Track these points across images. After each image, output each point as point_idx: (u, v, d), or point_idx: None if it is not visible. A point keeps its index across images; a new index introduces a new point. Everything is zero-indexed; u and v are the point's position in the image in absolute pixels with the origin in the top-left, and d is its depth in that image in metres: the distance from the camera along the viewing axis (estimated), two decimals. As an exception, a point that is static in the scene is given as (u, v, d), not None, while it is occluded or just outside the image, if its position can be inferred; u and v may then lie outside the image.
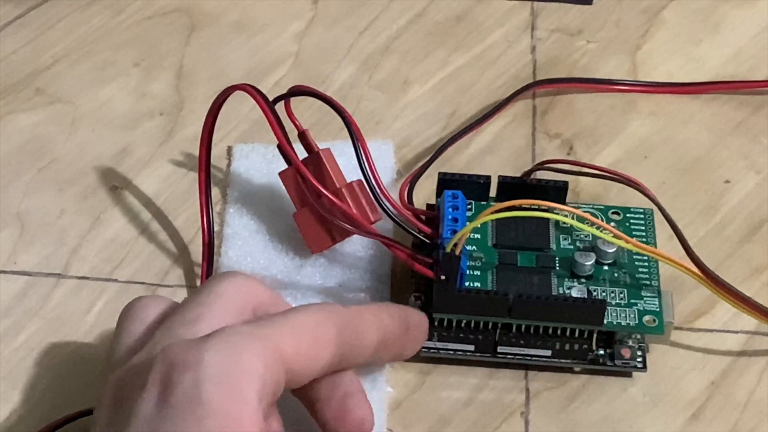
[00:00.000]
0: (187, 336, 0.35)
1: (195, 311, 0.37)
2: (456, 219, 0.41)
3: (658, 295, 0.42)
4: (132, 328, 0.38)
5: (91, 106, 0.51)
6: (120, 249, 0.46)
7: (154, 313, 0.38)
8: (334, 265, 0.45)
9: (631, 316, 0.42)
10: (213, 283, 0.38)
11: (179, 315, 0.37)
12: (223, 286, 0.37)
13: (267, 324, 0.35)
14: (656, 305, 0.42)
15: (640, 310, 0.42)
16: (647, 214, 0.45)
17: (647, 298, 0.42)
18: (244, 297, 0.37)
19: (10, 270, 0.45)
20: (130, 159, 0.49)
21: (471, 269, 0.42)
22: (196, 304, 0.37)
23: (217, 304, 0.37)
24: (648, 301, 0.42)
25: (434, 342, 0.42)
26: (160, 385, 0.33)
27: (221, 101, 0.44)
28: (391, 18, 0.55)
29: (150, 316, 0.38)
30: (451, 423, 0.41)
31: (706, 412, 0.42)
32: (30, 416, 0.41)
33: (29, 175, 0.48)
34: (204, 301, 0.37)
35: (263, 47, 0.54)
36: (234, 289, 0.37)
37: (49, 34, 0.54)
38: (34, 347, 0.43)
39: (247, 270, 0.45)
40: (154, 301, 0.39)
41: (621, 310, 0.42)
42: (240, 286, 0.38)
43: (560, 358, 0.42)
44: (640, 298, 0.42)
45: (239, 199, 0.47)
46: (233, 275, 0.38)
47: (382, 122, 0.51)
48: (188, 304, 0.37)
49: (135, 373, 0.34)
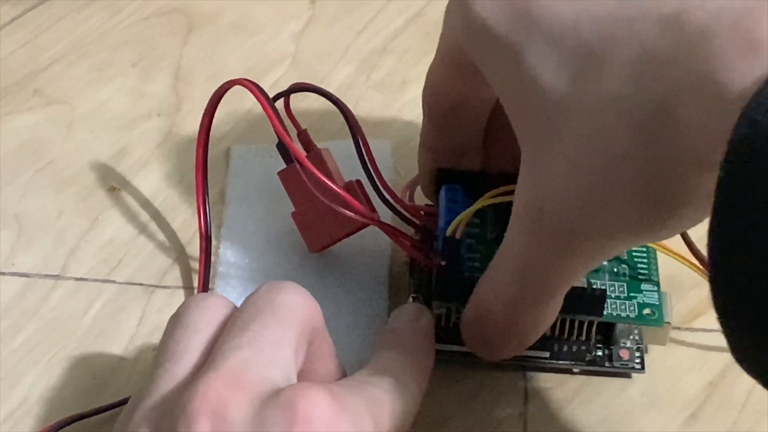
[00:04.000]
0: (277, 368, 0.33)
1: (273, 333, 0.34)
2: (455, 212, 0.41)
3: (657, 289, 0.42)
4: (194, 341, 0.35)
5: (88, 107, 0.51)
6: (118, 250, 0.46)
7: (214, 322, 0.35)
8: (333, 265, 0.45)
9: (631, 308, 0.42)
10: (277, 292, 0.35)
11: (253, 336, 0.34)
12: (292, 300, 0.35)
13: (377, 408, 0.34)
14: (656, 299, 0.42)
15: (639, 303, 0.42)
16: None
17: (647, 291, 0.42)
18: (308, 318, 0.35)
19: (8, 271, 0.45)
20: (128, 160, 0.49)
21: (470, 260, 0.42)
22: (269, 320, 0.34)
23: (290, 323, 0.34)
24: (647, 294, 0.42)
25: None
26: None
27: (219, 96, 0.43)
28: (389, 18, 0.55)
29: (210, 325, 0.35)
30: (450, 423, 0.41)
31: (704, 411, 0.42)
32: (28, 417, 0.41)
33: (27, 176, 0.48)
34: (280, 320, 0.34)
35: (261, 47, 0.54)
36: (301, 306, 0.35)
37: (47, 35, 0.54)
38: (32, 348, 0.43)
39: (246, 270, 0.45)
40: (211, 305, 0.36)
41: (621, 303, 0.42)
42: (305, 303, 0.35)
43: (559, 360, 0.42)
44: (639, 291, 0.42)
45: (237, 199, 0.47)
46: (295, 288, 0.35)
47: (380, 122, 0.51)
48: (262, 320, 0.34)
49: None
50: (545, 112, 0.33)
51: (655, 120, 0.31)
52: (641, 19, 0.32)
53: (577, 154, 0.33)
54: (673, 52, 0.31)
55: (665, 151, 0.31)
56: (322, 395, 0.32)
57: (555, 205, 0.34)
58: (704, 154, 0.30)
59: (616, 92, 0.32)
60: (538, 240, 0.35)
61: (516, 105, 0.35)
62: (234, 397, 0.32)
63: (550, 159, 0.34)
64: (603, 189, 0.33)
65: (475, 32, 0.35)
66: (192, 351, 0.34)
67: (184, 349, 0.34)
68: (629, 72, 0.32)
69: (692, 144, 0.30)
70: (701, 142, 0.30)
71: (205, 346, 0.34)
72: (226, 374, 0.32)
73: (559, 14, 0.33)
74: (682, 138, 0.31)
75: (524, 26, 0.34)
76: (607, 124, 0.32)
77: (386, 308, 0.44)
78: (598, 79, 0.32)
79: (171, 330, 0.35)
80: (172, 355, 0.34)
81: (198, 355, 0.34)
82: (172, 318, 0.36)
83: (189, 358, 0.34)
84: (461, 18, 0.36)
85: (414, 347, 0.39)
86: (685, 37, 0.31)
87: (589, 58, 0.33)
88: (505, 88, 0.35)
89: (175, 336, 0.35)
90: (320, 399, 0.32)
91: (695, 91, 0.30)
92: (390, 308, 0.44)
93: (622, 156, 0.32)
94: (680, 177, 0.32)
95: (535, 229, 0.35)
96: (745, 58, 0.29)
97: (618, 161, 0.32)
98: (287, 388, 0.32)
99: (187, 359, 0.34)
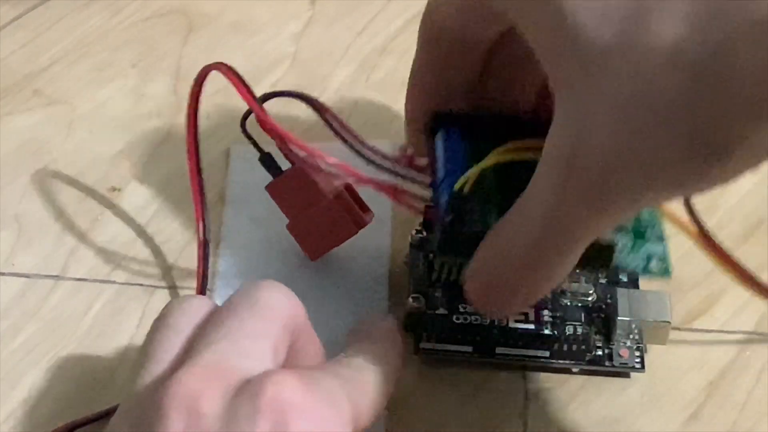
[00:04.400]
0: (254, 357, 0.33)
1: (249, 326, 0.34)
2: (456, 159, 0.39)
3: (662, 240, 0.41)
4: (175, 341, 0.34)
5: (88, 107, 0.51)
6: (118, 250, 0.46)
7: (195, 322, 0.35)
8: (332, 266, 0.45)
9: (637, 260, 0.40)
10: (256, 290, 0.35)
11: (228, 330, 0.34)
12: (271, 296, 0.35)
13: (353, 387, 0.34)
14: (662, 250, 0.40)
15: (646, 254, 0.40)
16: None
17: (652, 242, 0.40)
18: (289, 315, 0.35)
19: (8, 272, 0.45)
20: (128, 160, 0.49)
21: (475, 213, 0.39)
22: (245, 315, 0.34)
23: (268, 318, 0.34)
24: (653, 245, 0.40)
25: (432, 343, 0.42)
26: (275, 426, 0.31)
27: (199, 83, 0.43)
28: (389, 18, 0.55)
29: (191, 325, 0.35)
30: (450, 424, 0.41)
31: (704, 412, 0.42)
32: (27, 419, 0.41)
33: (27, 176, 0.48)
34: (257, 314, 0.34)
35: (261, 48, 0.54)
36: (281, 303, 0.35)
37: (47, 36, 0.54)
38: (32, 349, 0.43)
39: (245, 271, 0.45)
40: (194, 306, 0.36)
41: (626, 254, 0.40)
42: (286, 300, 0.35)
43: (559, 359, 0.42)
44: (645, 242, 0.40)
45: (237, 199, 0.47)
46: (277, 286, 0.35)
47: (379, 122, 0.51)
48: (238, 315, 0.34)
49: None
50: (588, 58, 0.32)
51: (712, 65, 0.29)
52: None
53: (622, 102, 0.31)
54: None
55: (721, 98, 0.29)
56: (290, 378, 0.32)
57: (591, 155, 0.32)
58: (765, 103, 0.29)
59: (668, 36, 0.30)
60: (569, 191, 0.33)
61: (553, 52, 0.33)
62: (206, 390, 0.31)
63: (590, 106, 0.32)
64: (646, 138, 0.31)
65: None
66: (173, 351, 0.34)
67: (165, 350, 0.34)
68: (683, 13, 0.30)
69: (752, 92, 0.29)
70: (763, 90, 0.29)
71: (186, 345, 0.34)
72: (199, 368, 0.32)
73: None
74: (741, 86, 0.29)
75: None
76: (657, 70, 0.30)
77: (386, 308, 0.44)
78: (649, 22, 0.30)
79: (153, 332, 0.35)
80: (153, 356, 0.34)
81: (179, 354, 0.34)
82: (156, 320, 0.36)
83: (170, 358, 0.34)
84: None
85: (380, 337, 0.38)
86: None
87: (638, 1, 0.31)
88: (539, 32, 0.33)
89: (157, 337, 0.35)
90: (288, 383, 0.32)
91: (758, 33, 0.28)
92: (390, 308, 0.44)
93: (671, 103, 0.30)
94: (736, 127, 0.30)
95: (567, 179, 0.33)
96: None
97: (667, 109, 0.30)
98: (257, 375, 0.32)
99: (168, 359, 0.34)
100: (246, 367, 0.33)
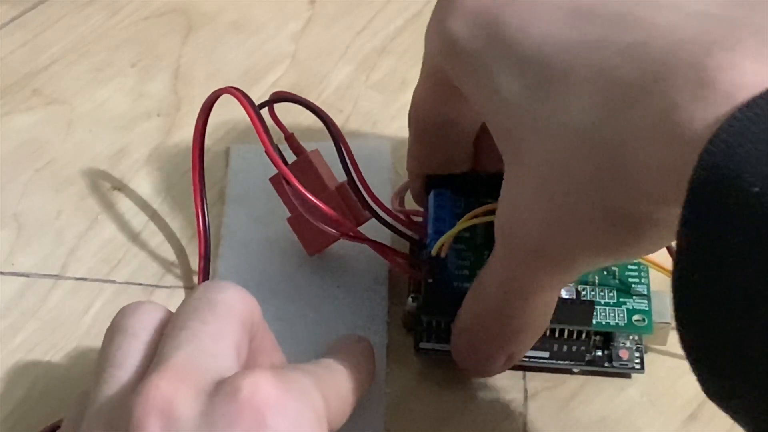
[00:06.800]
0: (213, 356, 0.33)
1: (212, 327, 0.34)
2: (443, 219, 0.41)
3: (647, 295, 0.42)
4: (134, 345, 0.35)
5: (88, 107, 0.51)
6: (118, 250, 0.46)
7: (150, 326, 0.36)
8: (332, 266, 0.45)
9: (620, 315, 0.42)
10: (214, 291, 0.35)
11: (192, 332, 0.34)
12: (230, 297, 0.35)
13: (326, 385, 0.35)
14: (645, 305, 0.42)
15: (629, 309, 0.42)
16: None
17: (636, 297, 0.42)
18: (247, 313, 0.35)
19: (7, 271, 0.45)
20: (127, 160, 0.49)
21: (460, 269, 0.42)
22: (207, 316, 0.34)
23: (228, 318, 0.34)
24: (637, 300, 0.42)
25: (432, 343, 0.42)
26: (254, 425, 0.31)
27: (209, 105, 0.44)
28: (389, 18, 0.55)
29: (147, 329, 0.35)
30: (450, 423, 0.41)
31: (703, 412, 0.42)
32: (27, 418, 0.41)
33: (26, 175, 0.48)
34: (218, 315, 0.34)
35: (260, 47, 0.54)
36: (238, 303, 0.35)
37: (46, 35, 0.54)
38: (31, 348, 0.43)
39: (245, 270, 0.45)
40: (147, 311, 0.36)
41: (610, 310, 0.42)
42: (243, 299, 0.35)
43: (558, 360, 0.42)
44: (629, 297, 0.42)
45: (237, 199, 0.47)
46: (232, 286, 0.36)
47: (379, 122, 0.51)
48: (200, 317, 0.34)
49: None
50: (515, 132, 0.34)
51: (615, 154, 0.31)
52: (604, 47, 0.32)
53: (541, 177, 0.33)
54: (632, 86, 0.30)
55: (625, 185, 0.31)
56: (266, 377, 0.32)
57: (521, 225, 0.35)
58: (664, 193, 0.30)
59: (577, 120, 0.32)
60: (511, 257, 0.36)
61: (492, 123, 0.35)
62: (179, 393, 0.32)
63: (518, 179, 0.34)
64: (565, 212, 0.33)
65: (451, 52, 0.36)
66: (133, 354, 0.35)
67: (125, 354, 0.35)
68: (590, 102, 0.31)
69: (651, 182, 0.30)
70: (660, 181, 0.30)
71: (144, 349, 0.35)
72: (169, 372, 0.32)
73: (526, 37, 0.34)
74: (641, 176, 0.30)
75: (494, 47, 0.34)
76: (569, 150, 0.32)
77: (386, 308, 0.44)
78: (561, 105, 0.32)
79: (110, 336, 0.36)
80: (114, 360, 0.35)
81: (139, 358, 0.35)
82: (109, 327, 0.36)
83: (131, 361, 0.34)
84: (438, 38, 0.36)
85: (355, 351, 0.39)
86: (644, 71, 0.30)
87: (551, 84, 0.33)
88: (481, 106, 0.36)
89: (115, 341, 0.35)
90: (264, 381, 0.32)
91: (653, 130, 0.30)
92: (390, 308, 0.44)
93: (583, 186, 0.32)
94: (641, 210, 0.32)
95: (507, 246, 0.36)
96: (699, 99, 0.28)
97: (579, 191, 0.32)
98: (231, 375, 0.32)
99: (129, 363, 0.34)
100: (215, 368, 0.33)
